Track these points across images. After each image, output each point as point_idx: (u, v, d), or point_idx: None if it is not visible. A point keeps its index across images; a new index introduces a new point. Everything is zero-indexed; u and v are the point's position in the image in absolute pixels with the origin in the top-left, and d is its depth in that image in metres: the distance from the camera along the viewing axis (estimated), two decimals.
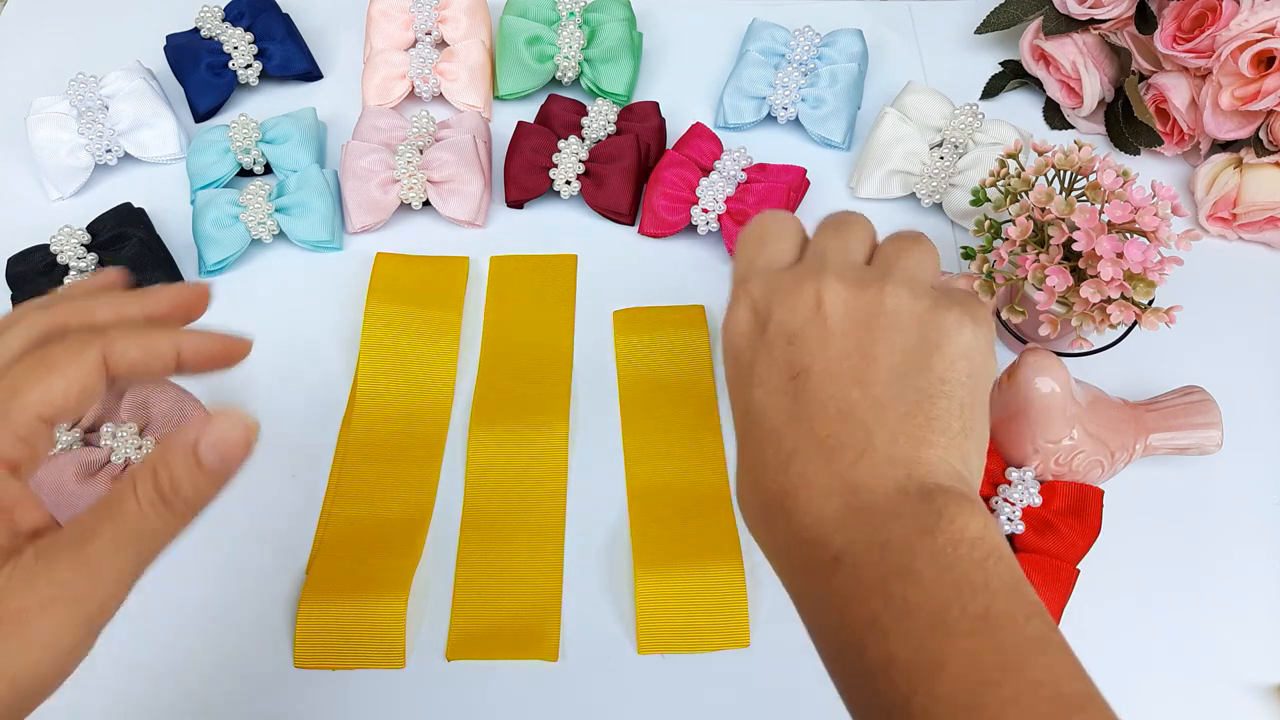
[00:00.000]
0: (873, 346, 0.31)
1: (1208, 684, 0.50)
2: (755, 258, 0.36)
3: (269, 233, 0.62)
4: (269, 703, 0.49)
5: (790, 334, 0.32)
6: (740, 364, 0.33)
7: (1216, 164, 0.65)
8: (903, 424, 0.30)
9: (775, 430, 0.31)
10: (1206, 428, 0.54)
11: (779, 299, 0.33)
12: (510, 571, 0.53)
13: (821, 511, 0.30)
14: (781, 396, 0.31)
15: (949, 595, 0.27)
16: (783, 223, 0.37)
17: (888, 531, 0.28)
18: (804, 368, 0.31)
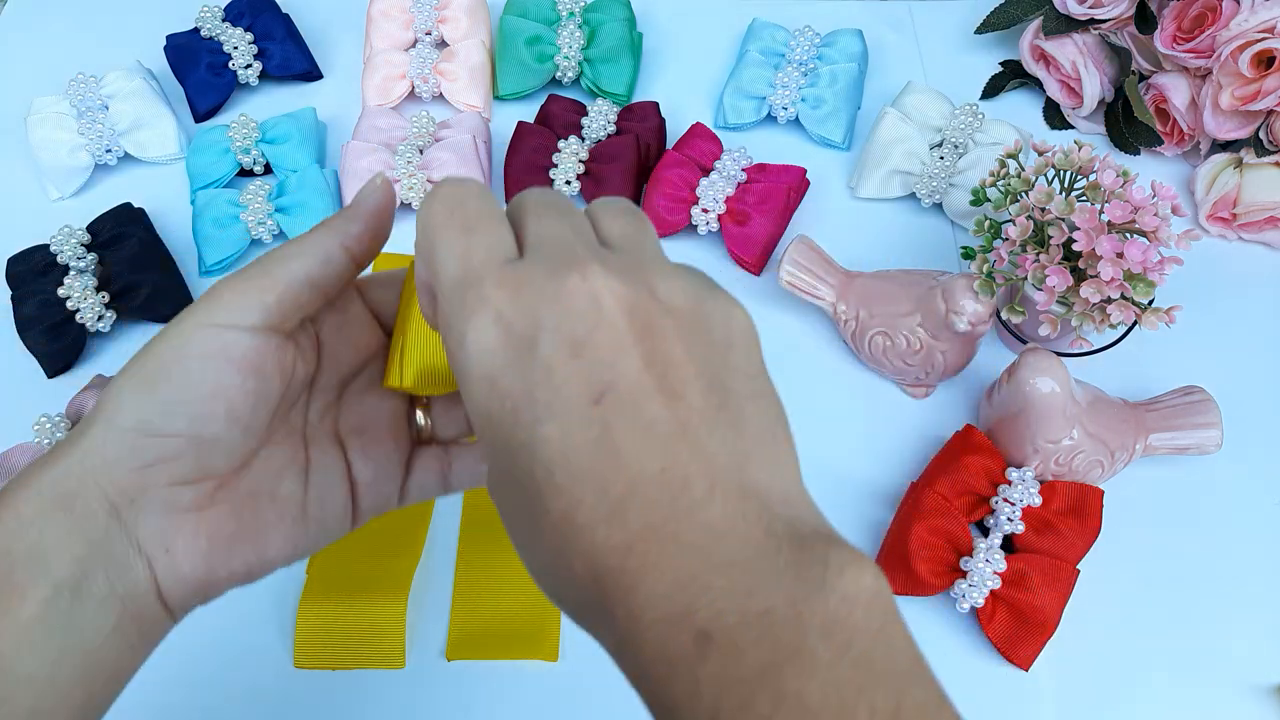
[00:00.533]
0: (669, 349, 0.24)
1: (1208, 684, 0.51)
2: (470, 251, 0.25)
3: (269, 233, 0.62)
4: (269, 703, 0.49)
5: (575, 345, 0.23)
6: (503, 397, 0.23)
7: (1216, 164, 0.65)
8: (738, 440, 0.24)
9: (589, 473, 0.23)
10: (1206, 428, 0.54)
11: (543, 303, 0.24)
12: (510, 571, 0.53)
13: (677, 574, 0.22)
14: (587, 427, 0.23)
15: (854, 688, 0.21)
16: (481, 198, 0.26)
17: (766, 595, 0.21)
18: (608, 385, 0.23)
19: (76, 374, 0.59)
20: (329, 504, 0.32)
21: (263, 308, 0.29)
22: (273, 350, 0.29)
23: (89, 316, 0.58)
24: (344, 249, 0.30)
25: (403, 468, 0.34)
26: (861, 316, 0.57)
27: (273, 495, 0.31)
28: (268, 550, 0.31)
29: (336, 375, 0.33)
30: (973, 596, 0.49)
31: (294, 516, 0.31)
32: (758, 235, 0.61)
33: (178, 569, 0.29)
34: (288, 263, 0.29)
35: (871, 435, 0.58)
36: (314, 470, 0.32)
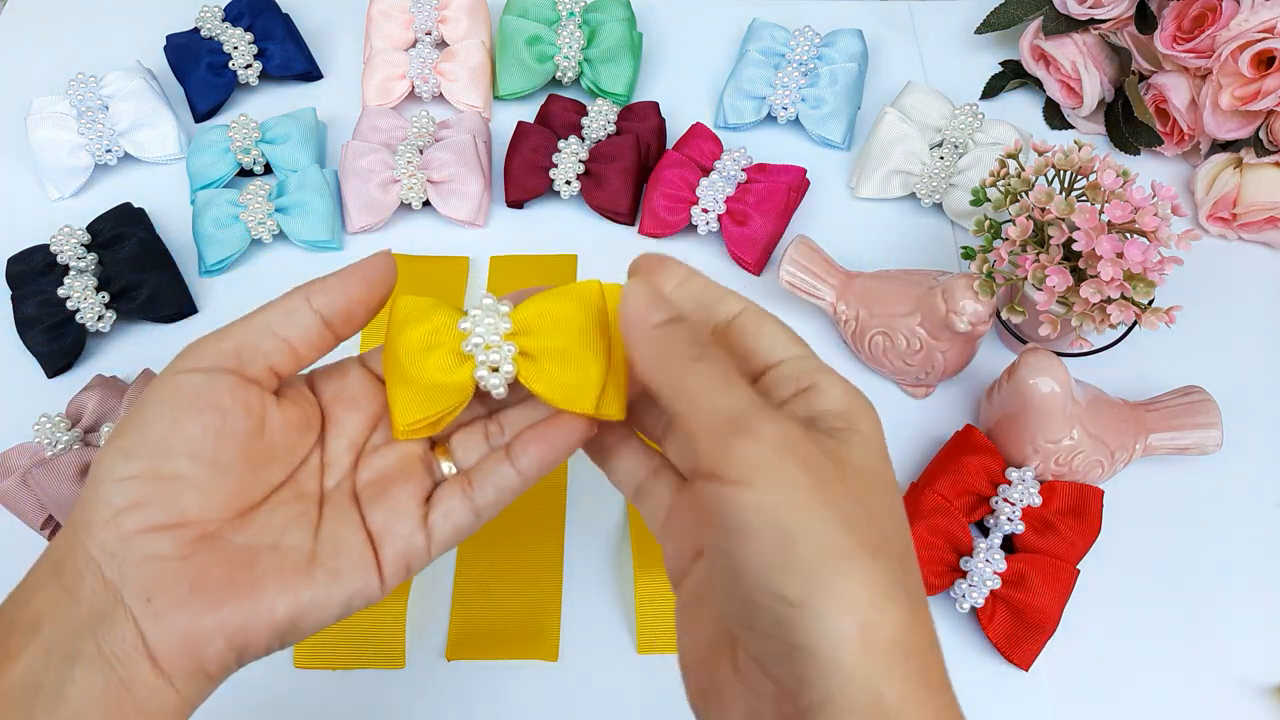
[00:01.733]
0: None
1: (1208, 684, 0.51)
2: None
3: (269, 233, 0.62)
4: (269, 703, 0.49)
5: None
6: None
7: (1216, 164, 0.65)
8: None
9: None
10: (1206, 428, 0.54)
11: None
12: (510, 571, 0.53)
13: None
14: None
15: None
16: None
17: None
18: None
19: (76, 374, 0.59)
20: (341, 552, 0.30)
21: (217, 352, 0.30)
22: (228, 388, 0.29)
23: (89, 316, 0.58)
24: (308, 304, 0.31)
25: (420, 505, 0.32)
26: (861, 316, 0.57)
27: (274, 547, 0.30)
28: (263, 599, 0.28)
29: (347, 441, 0.33)
30: (973, 596, 0.49)
31: (296, 565, 0.29)
32: (758, 235, 0.61)
33: (160, 619, 0.27)
34: (253, 315, 0.30)
35: None
36: (325, 524, 0.31)
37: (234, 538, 0.29)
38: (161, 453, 0.28)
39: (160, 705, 0.27)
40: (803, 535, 0.24)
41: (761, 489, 0.24)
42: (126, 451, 0.28)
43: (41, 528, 0.53)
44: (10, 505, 0.53)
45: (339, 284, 0.31)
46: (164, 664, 0.27)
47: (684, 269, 0.31)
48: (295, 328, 0.30)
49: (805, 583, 0.23)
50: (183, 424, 0.28)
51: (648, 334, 0.28)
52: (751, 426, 0.25)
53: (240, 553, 0.29)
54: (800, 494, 0.24)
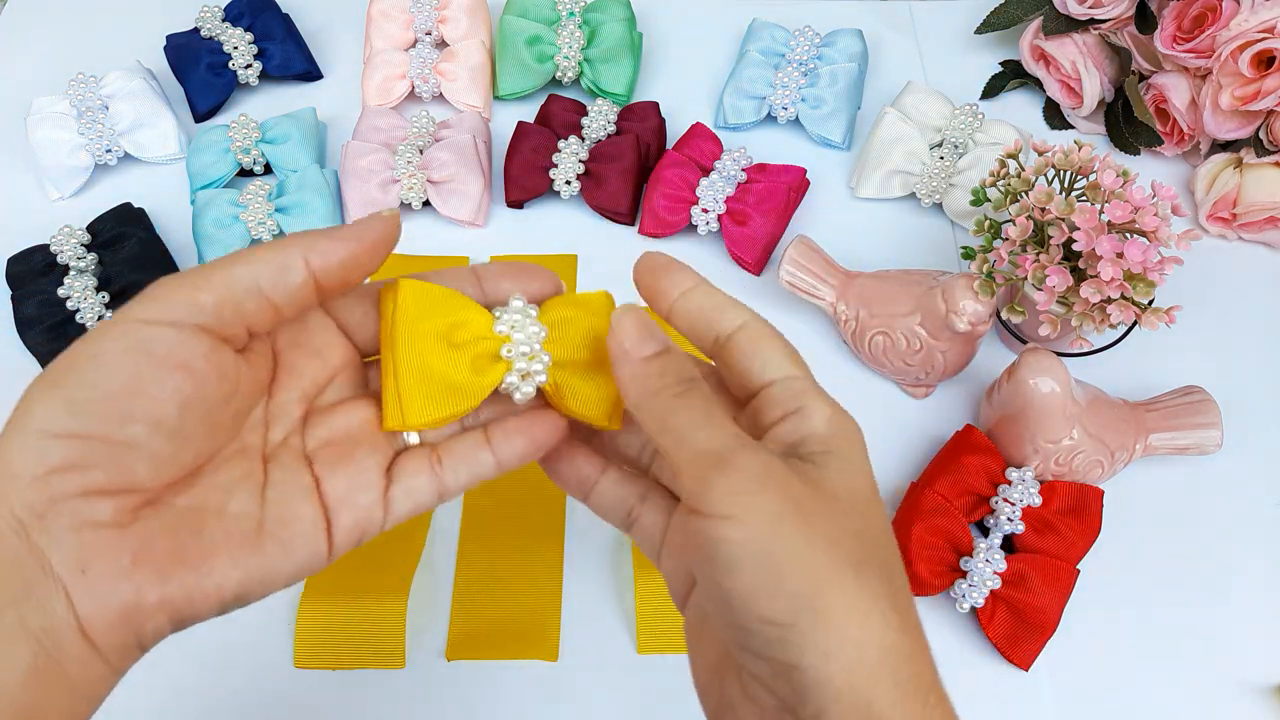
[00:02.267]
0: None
1: (1208, 684, 0.51)
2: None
3: (269, 233, 0.62)
4: (269, 703, 0.49)
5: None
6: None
7: (1216, 164, 0.65)
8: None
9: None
10: (1206, 428, 0.54)
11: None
12: (510, 572, 0.53)
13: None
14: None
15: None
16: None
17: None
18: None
19: None
20: (293, 522, 0.28)
21: (194, 305, 0.26)
22: (204, 350, 0.26)
23: (89, 317, 0.58)
24: (305, 262, 0.27)
25: (381, 475, 0.30)
26: (861, 316, 0.57)
27: (219, 513, 0.27)
28: (212, 573, 0.26)
29: (299, 392, 0.30)
30: (973, 596, 0.49)
31: (244, 535, 0.27)
32: (758, 235, 0.61)
33: (96, 591, 0.24)
34: (236, 264, 0.26)
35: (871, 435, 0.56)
36: (272, 487, 0.28)
37: (178, 501, 0.26)
38: (117, 416, 0.25)
39: (88, 676, 0.25)
40: (786, 562, 0.25)
41: (743, 523, 0.25)
42: (72, 404, 0.24)
43: None
44: None
45: (342, 244, 0.28)
46: (96, 637, 0.25)
47: (691, 276, 0.31)
48: (285, 288, 0.27)
49: (792, 606, 0.24)
50: (147, 386, 0.25)
51: (636, 369, 0.28)
52: (731, 461, 0.26)
53: (185, 519, 0.26)
54: (781, 523, 0.25)
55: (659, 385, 0.28)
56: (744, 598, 0.25)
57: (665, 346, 0.29)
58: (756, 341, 0.29)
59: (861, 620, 0.24)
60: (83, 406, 0.25)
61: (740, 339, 0.30)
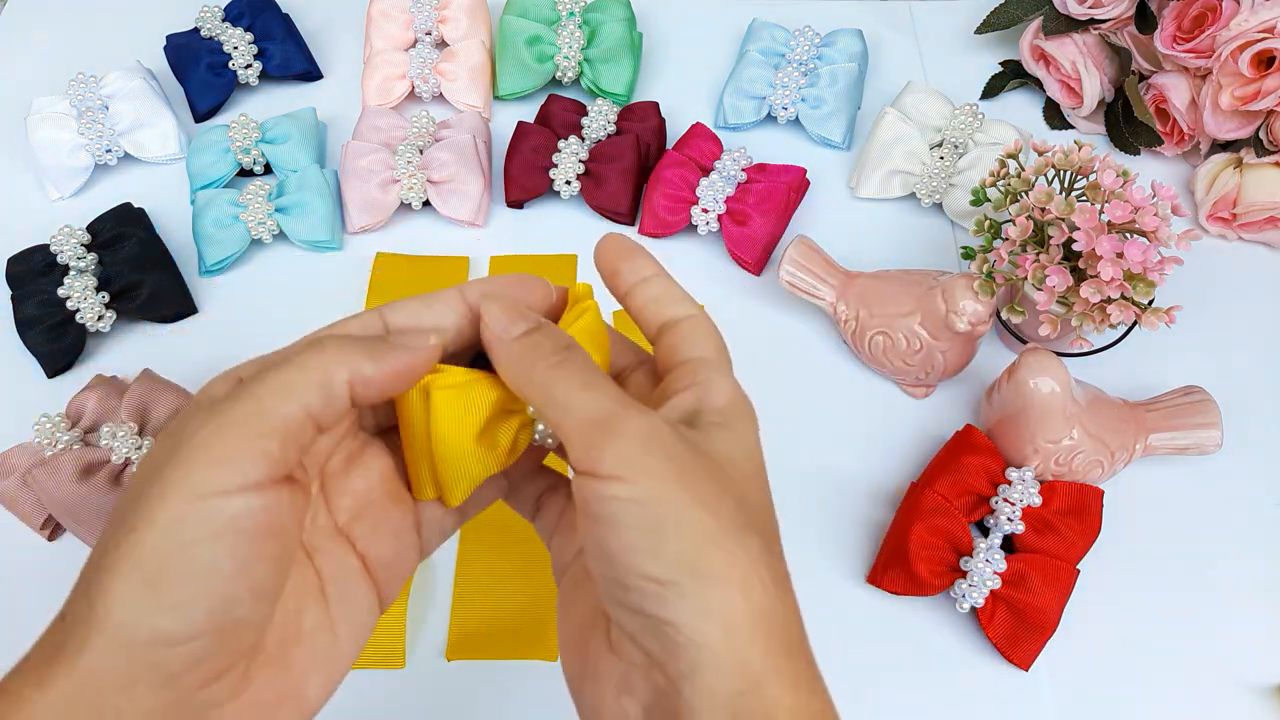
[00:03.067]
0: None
1: (1208, 684, 0.50)
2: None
3: (269, 233, 0.62)
4: None
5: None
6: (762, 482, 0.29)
7: (1216, 164, 0.65)
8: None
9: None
10: (1206, 428, 0.54)
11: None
12: (510, 571, 0.53)
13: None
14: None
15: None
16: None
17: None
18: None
19: (76, 374, 0.59)
20: (356, 611, 0.28)
21: (267, 458, 0.24)
22: (286, 504, 0.24)
23: (89, 316, 0.58)
24: (349, 386, 0.25)
25: (415, 527, 0.30)
26: (861, 316, 0.57)
27: (299, 637, 0.27)
28: (308, 694, 0.27)
29: (312, 469, 0.28)
30: (973, 596, 0.49)
31: (325, 648, 0.27)
32: (758, 235, 0.61)
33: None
34: (281, 391, 0.24)
35: (871, 435, 0.58)
36: (329, 583, 0.28)
37: (267, 643, 0.26)
38: (223, 605, 0.23)
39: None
40: (668, 521, 0.25)
41: (628, 481, 0.25)
42: (181, 610, 0.23)
43: (41, 528, 0.53)
44: (10, 505, 0.53)
45: (384, 370, 0.26)
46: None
47: (652, 264, 0.32)
48: (332, 415, 0.25)
49: (673, 564, 0.25)
50: (250, 564, 0.24)
51: (509, 348, 0.28)
52: (616, 424, 0.26)
53: (277, 658, 0.26)
54: (665, 483, 0.25)
55: (534, 358, 0.27)
56: (628, 554, 0.25)
57: (536, 324, 0.29)
58: (694, 330, 0.30)
59: (741, 581, 0.25)
60: (190, 608, 0.23)
61: (683, 325, 0.31)
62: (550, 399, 0.27)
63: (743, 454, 0.28)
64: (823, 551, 0.54)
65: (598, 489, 0.25)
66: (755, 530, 0.26)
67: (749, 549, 0.25)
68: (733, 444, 0.28)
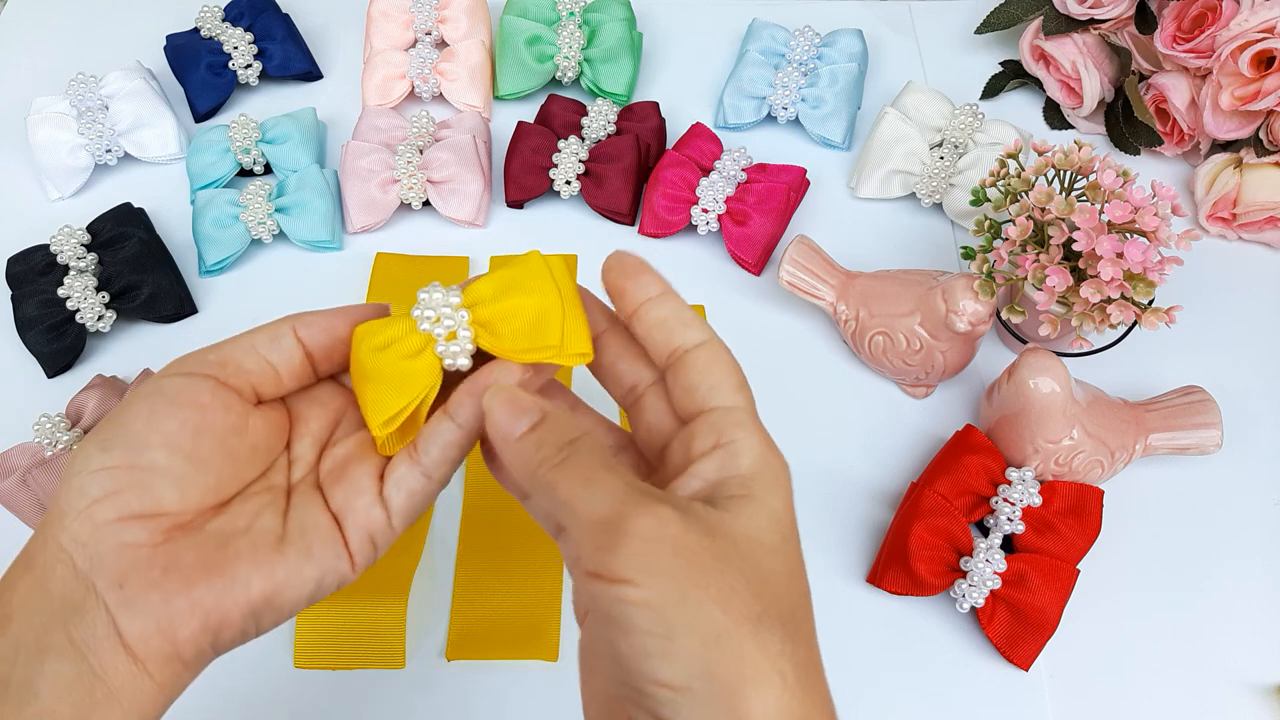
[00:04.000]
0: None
1: (1208, 684, 0.50)
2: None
3: (269, 233, 0.62)
4: (269, 703, 0.49)
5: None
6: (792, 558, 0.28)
7: (1216, 164, 0.65)
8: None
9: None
10: (1206, 428, 0.54)
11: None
12: (510, 571, 0.53)
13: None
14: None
15: None
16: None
17: None
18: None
19: (76, 374, 0.59)
20: (310, 530, 0.31)
21: (201, 360, 0.31)
22: (209, 389, 0.30)
23: (89, 316, 0.58)
24: (293, 332, 0.32)
25: (375, 481, 0.32)
26: (861, 316, 0.57)
27: (246, 530, 0.30)
28: (236, 578, 0.28)
29: (310, 438, 0.33)
30: (973, 596, 0.49)
31: (268, 544, 0.30)
32: (758, 235, 0.61)
33: (132, 603, 0.27)
34: (236, 335, 0.32)
35: (871, 435, 0.58)
36: (293, 508, 0.31)
37: (208, 526, 0.29)
38: (138, 445, 0.29)
39: (135, 693, 0.27)
40: (679, 625, 0.24)
41: (640, 586, 0.25)
42: (104, 444, 0.29)
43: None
44: (10, 505, 0.53)
45: (327, 319, 0.32)
46: (137, 649, 0.27)
47: (658, 283, 0.31)
48: (279, 352, 0.31)
49: (685, 668, 0.24)
50: (161, 418, 0.29)
51: (514, 448, 0.29)
52: (622, 524, 0.26)
53: (213, 537, 0.29)
54: (675, 583, 0.25)
55: (538, 459, 0.28)
56: (639, 658, 0.25)
57: (540, 416, 0.29)
58: (710, 363, 0.30)
59: (756, 685, 0.24)
60: (110, 443, 0.29)
61: (696, 356, 0.30)
62: (555, 498, 0.27)
63: (767, 526, 0.27)
64: (823, 551, 0.54)
65: (606, 593, 0.25)
66: (776, 616, 0.25)
67: (767, 643, 0.25)
68: (755, 517, 0.27)
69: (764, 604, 0.25)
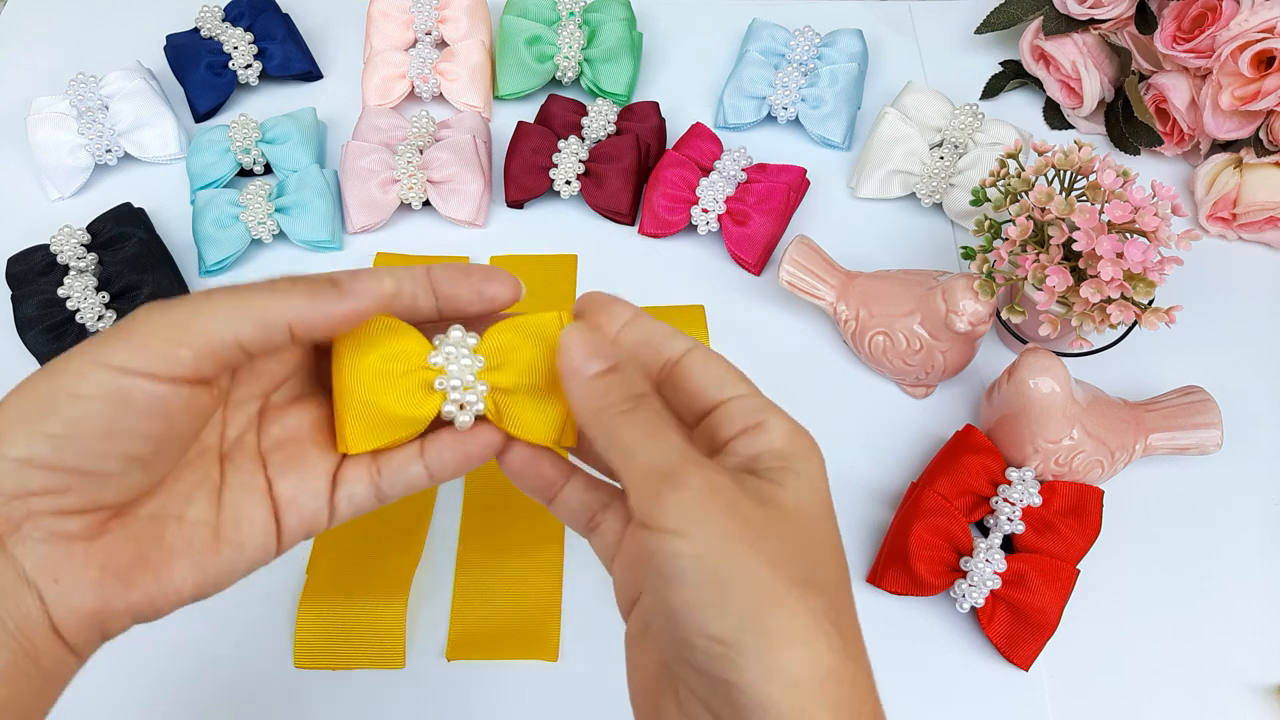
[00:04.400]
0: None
1: (1208, 684, 0.50)
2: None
3: (269, 233, 0.62)
4: (269, 703, 0.49)
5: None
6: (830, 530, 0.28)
7: (1216, 164, 0.65)
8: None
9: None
10: (1206, 428, 0.54)
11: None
12: (510, 571, 0.53)
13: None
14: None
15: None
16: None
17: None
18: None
19: None
20: (246, 525, 0.30)
21: (174, 360, 0.26)
22: (183, 398, 0.27)
23: (89, 317, 0.58)
24: (289, 325, 0.28)
25: (329, 480, 0.31)
26: (861, 316, 0.57)
27: (179, 519, 0.29)
28: (172, 579, 0.28)
29: (258, 388, 0.31)
30: (973, 596, 0.49)
31: (203, 541, 0.29)
32: (758, 235, 0.61)
33: (68, 600, 0.26)
34: (218, 314, 0.27)
35: (871, 435, 0.58)
36: (229, 489, 0.30)
37: (141, 510, 0.28)
38: (96, 454, 0.26)
39: (57, 667, 0.27)
40: (732, 579, 0.25)
41: (690, 537, 0.25)
42: (53, 440, 0.26)
43: None
44: None
45: (328, 311, 0.28)
46: (68, 635, 0.27)
47: (629, 310, 0.31)
48: (265, 346, 0.28)
49: (736, 624, 0.25)
50: (125, 431, 0.26)
51: (584, 385, 0.29)
52: (679, 477, 0.26)
53: (148, 528, 0.28)
54: (728, 540, 0.25)
55: (605, 402, 0.28)
56: (689, 612, 0.25)
57: (613, 363, 0.29)
58: (706, 364, 0.30)
59: (805, 642, 0.25)
60: (63, 444, 0.26)
61: (690, 361, 0.30)
62: (616, 443, 0.28)
63: (809, 497, 0.28)
64: None
65: (659, 544, 0.25)
66: (820, 585, 0.26)
67: (814, 605, 0.25)
68: (800, 490, 0.27)
69: (810, 569, 0.26)
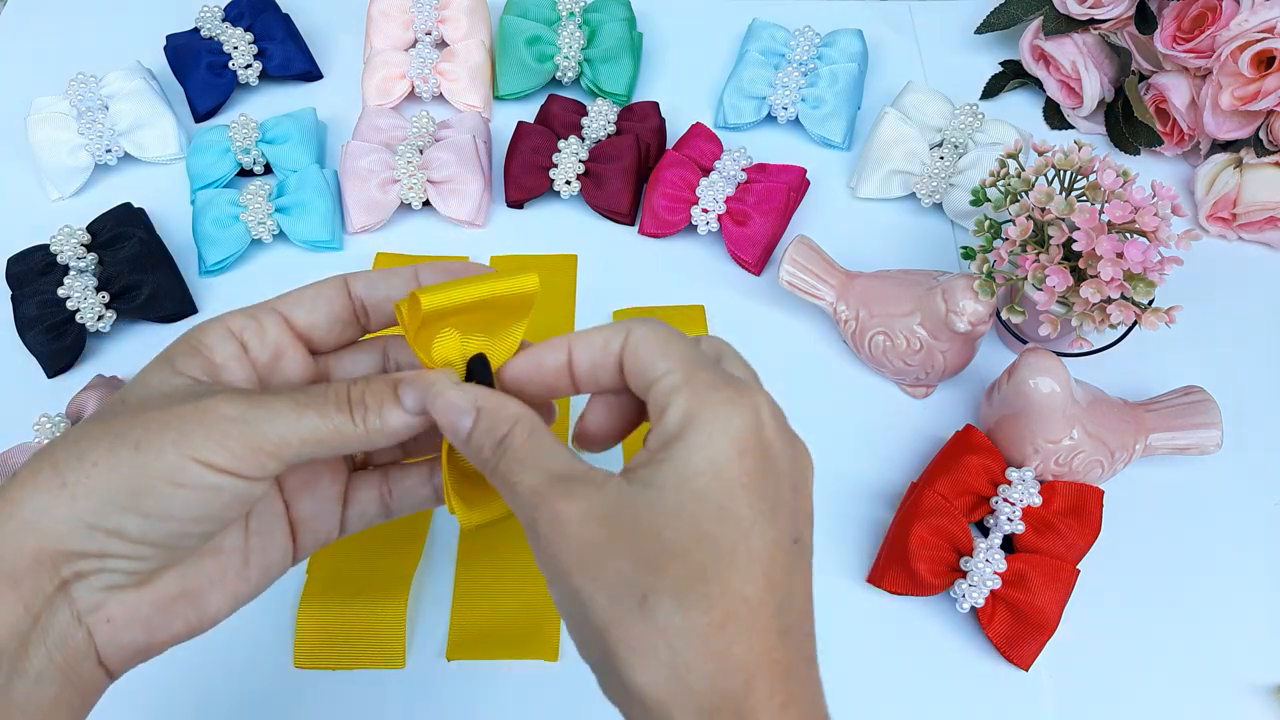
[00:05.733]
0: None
1: (1208, 684, 0.50)
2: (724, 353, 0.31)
3: (269, 233, 0.62)
4: (269, 703, 0.49)
5: (795, 483, 0.29)
6: (768, 487, 0.28)
7: (1216, 164, 0.65)
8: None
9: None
10: (1206, 428, 0.54)
11: (782, 427, 0.29)
12: (510, 571, 0.53)
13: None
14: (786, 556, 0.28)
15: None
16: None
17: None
18: (801, 538, 0.29)
19: (76, 374, 0.59)
20: (270, 549, 0.32)
21: (263, 469, 0.29)
22: (260, 491, 0.30)
23: (89, 316, 0.58)
24: (364, 426, 0.30)
25: (340, 500, 0.34)
26: (861, 316, 0.57)
27: (217, 551, 0.31)
28: (208, 607, 0.31)
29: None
30: (973, 596, 0.49)
31: (236, 569, 0.32)
32: (758, 235, 0.61)
33: (118, 638, 0.29)
34: (304, 416, 0.29)
35: (871, 435, 0.58)
36: (254, 517, 0.32)
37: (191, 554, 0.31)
38: (179, 535, 0.29)
39: (96, 687, 0.29)
40: (577, 612, 0.27)
41: (544, 572, 0.28)
42: (145, 519, 0.28)
43: None
44: None
45: (393, 437, 0.31)
46: (111, 666, 0.29)
47: (558, 342, 0.32)
48: (340, 447, 0.30)
49: (593, 645, 0.27)
50: (210, 519, 0.29)
51: (468, 453, 0.30)
52: (531, 522, 0.28)
53: (194, 565, 0.31)
54: (570, 576, 0.27)
55: (480, 462, 0.30)
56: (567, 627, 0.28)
57: (475, 411, 0.30)
58: (634, 351, 0.30)
59: (643, 661, 0.26)
60: (154, 525, 0.28)
61: (628, 349, 0.30)
62: (503, 491, 0.30)
63: (690, 474, 0.27)
64: (823, 551, 0.53)
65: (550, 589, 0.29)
66: (672, 579, 0.26)
67: (656, 618, 0.26)
68: (679, 463, 0.27)
69: (655, 578, 0.26)
